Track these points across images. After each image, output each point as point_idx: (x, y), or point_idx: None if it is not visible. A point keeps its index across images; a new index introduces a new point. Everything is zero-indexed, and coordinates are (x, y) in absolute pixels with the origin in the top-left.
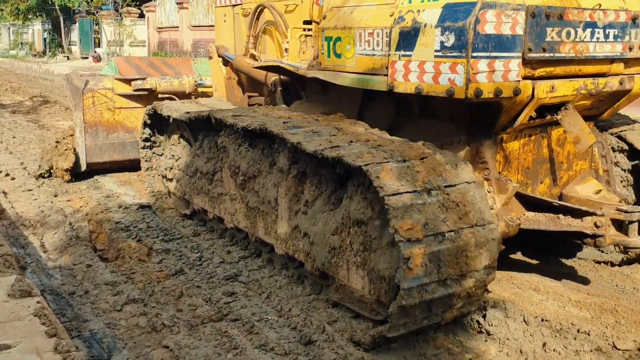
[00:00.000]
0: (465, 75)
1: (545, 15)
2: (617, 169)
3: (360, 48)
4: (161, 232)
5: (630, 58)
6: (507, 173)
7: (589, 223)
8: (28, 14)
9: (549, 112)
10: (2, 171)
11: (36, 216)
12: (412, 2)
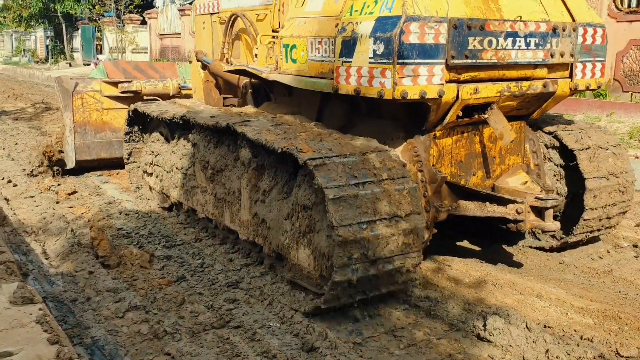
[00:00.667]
0: (393, 79)
1: (467, 27)
2: (551, 164)
3: (312, 54)
4: (163, 238)
5: (552, 64)
6: (441, 166)
7: (512, 210)
8: (30, 21)
9: (476, 112)
10: (4, 178)
11: (38, 223)
12: (352, 15)
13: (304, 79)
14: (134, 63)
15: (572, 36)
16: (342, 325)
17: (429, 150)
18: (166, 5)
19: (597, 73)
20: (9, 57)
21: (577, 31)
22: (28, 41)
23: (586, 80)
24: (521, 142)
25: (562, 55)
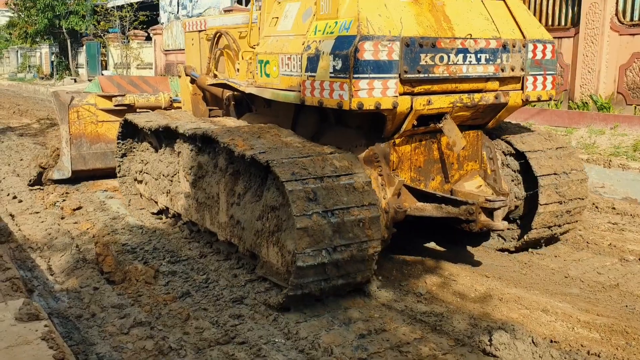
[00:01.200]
0: (349, 92)
1: (419, 44)
2: (509, 169)
3: (282, 70)
4: (167, 254)
5: (504, 77)
6: (401, 170)
7: (464, 211)
8: (36, 38)
9: (432, 121)
10: (9, 194)
11: (43, 239)
12: (316, 34)
13: (276, 91)
14: (128, 77)
15: (522, 52)
16: (348, 341)
17: (388, 156)
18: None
19: (548, 85)
20: (15, 74)
21: (527, 47)
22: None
23: (537, 92)
24: (478, 149)
25: (512, 70)
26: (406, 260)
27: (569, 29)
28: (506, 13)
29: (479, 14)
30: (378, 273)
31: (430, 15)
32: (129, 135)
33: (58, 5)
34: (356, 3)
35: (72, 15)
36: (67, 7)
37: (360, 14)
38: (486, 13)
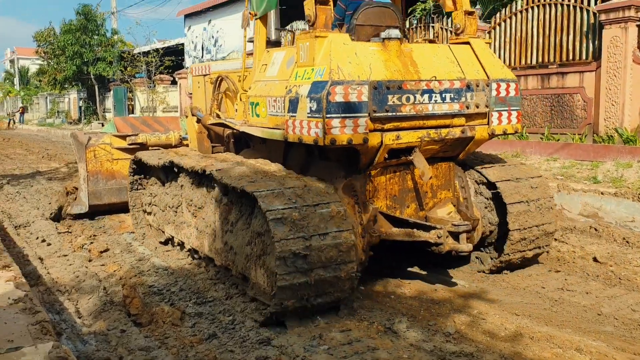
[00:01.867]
0: (323, 130)
1: (386, 87)
2: (482, 197)
3: (270, 110)
4: (194, 295)
5: (469, 113)
6: (377, 199)
7: (433, 235)
8: (65, 84)
9: (403, 154)
10: (38, 237)
11: (71, 281)
12: (296, 80)
13: (265, 130)
14: (142, 118)
15: (486, 90)
16: None
17: (364, 186)
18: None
19: (513, 120)
20: (44, 119)
21: (490, 86)
22: (62, 103)
23: (503, 126)
24: (451, 179)
25: (477, 107)
26: (434, 299)
27: (590, 63)
28: (471, 56)
29: (445, 57)
30: (406, 313)
31: (398, 60)
32: (139, 171)
33: (86, 53)
34: (329, 52)
35: (99, 61)
36: (94, 54)
37: (332, 62)
38: (452, 57)
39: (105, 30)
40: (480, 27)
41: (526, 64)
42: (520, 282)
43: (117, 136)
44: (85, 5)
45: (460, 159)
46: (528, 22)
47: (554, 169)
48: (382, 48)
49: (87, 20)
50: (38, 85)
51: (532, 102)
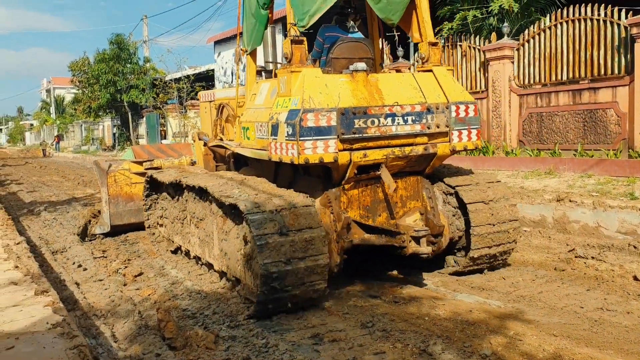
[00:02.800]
0: (297, 151)
1: (352, 113)
2: (450, 206)
3: (257, 134)
4: (227, 318)
5: (431, 133)
6: (351, 209)
7: (399, 239)
8: (99, 112)
9: (372, 170)
10: (74, 262)
11: (107, 306)
12: (277, 108)
13: (254, 151)
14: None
15: (445, 112)
16: None
17: (339, 198)
18: None
19: (472, 137)
20: (79, 146)
21: (450, 108)
22: (96, 130)
23: (463, 143)
24: (419, 190)
25: (438, 127)
26: (468, 320)
27: (623, 77)
28: (433, 82)
29: (409, 84)
30: (441, 334)
31: (364, 89)
32: (153, 188)
33: (119, 81)
34: (302, 85)
35: (132, 89)
36: (127, 82)
37: (304, 92)
38: (415, 83)
39: (137, 59)
40: (508, 44)
41: (556, 80)
42: (557, 302)
43: (135, 162)
44: (118, 35)
45: (427, 172)
46: (557, 38)
47: (589, 185)
48: (350, 79)
49: (120, 49)
50: (73, 113)
51: (563, 118)
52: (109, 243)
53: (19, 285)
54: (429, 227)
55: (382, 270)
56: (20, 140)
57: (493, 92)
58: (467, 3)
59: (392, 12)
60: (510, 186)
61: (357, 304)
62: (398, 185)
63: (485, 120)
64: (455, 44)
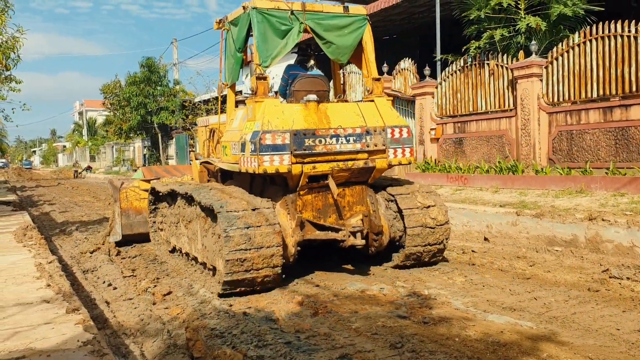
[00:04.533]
0: (258, 162)
1: (303, 134)
2: (391, 210)
3: (232, 151)
4: (255, 337)
5: (370, 150)
6: (305, 211)
7: (340, 235)
8: (130, 133)
9: (322, 179)
10: (105, 281)
11: (136, 325)
12: (246, 130)
13: (230, 164)
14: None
15: (382, 134)
16: None
17: (295, 202)
18: None
19: (406, 154)
20: (110, 167)
21: (386, 131)
22: (127, 151)
23: (398, 159)
24: (364, 197)
25: (376, 145)
26: (500, 341)
27: None
28: (374, 109)
29: (352, 112)
30: (472, 356)
31: (314, 115)
32: (155, 199)
33: (150, 103)
34: (263, 112)
35: (162, 111)
36: (158, 104)
37: (264, 117)
38: (358, 111)
39: (167, 81)
40: (536, 62)
41: (586, 98)
42: (592, 324)
43: (144, 180)
44: (149, 58)
45: (370, 182)
46: (586, 56)
47: (622, 204)
48: (303, 107)
49: (151, 72)
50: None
51: (594, 136)
52: (139, 262)
53: (51, 303)
54: (370, 227)
55: (338, 263)
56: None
57: (522, 110)
58: (493, 22)
59: (341, 54)
60: (521, 201)
61: (385, 324)
62: (345, 192)
63: (514, 138)
64: (482, 63)
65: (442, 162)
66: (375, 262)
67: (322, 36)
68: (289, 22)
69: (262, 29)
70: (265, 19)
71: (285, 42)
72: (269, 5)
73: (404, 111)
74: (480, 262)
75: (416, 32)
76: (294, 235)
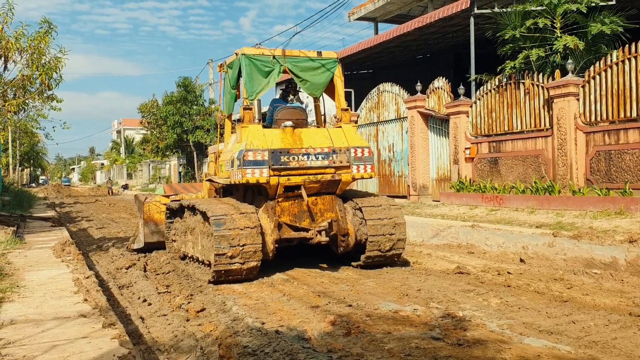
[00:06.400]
0: (242, 175)
1: (279, 152)
2: (357, 217)
3: (226, 167)
4: (287, 356)
5: (336, 166)
6: (283, 216)
7: (310, 234)
8: (166, 151)
9: (296, 189)
10: (140, 297)
11: (170, 341)
12: (234, 150)
13: (225, 179)
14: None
15: (346, 153)
16: None
17: (275, 208)
18: None
19: (368, 170)
20: (146, 185)
21: (349, 150)
22: (163, 169)
23: (360, 174)
24: (334, 205)
25: (341, 162)
26: None
27: None
28: (341, 134)
29: (322, 135)
30: None
31: (290, 137)
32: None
33: (186, 122)
34: (248, 135)
35: (198, 129)
36: (193, 123)
37: (248, 139)
38: (327, 135)
39: (203, 101)
40: (573, 81)
41: (625, 117)
42: (634, 350)
43: (164, 196)
44: (185, 78)
45: (338, 193)
46: (625, 74)
47: None
48: (281, 131)
49: (187, 91)
50: (142, 153)
51: (634, 156)
52: (172, 278)
53: (88, 318)
54: (338, 230)
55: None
56: (91, 179)
57: (558, 130)
58: (529, 41)
59: (315, 89)
60: (558, 222)
61: (419, 346)
62: (317, 201)
63: (550, 158)
64: (517, 82)
65: (477, 181)
66: (346, 262)
67: (299, 75)
68: (271, 65)
69: (249, 70)
70: (251, 63)
71: (267, 81)
72: (255, 52)
73: (437, 130)
74: (516, 284)
75: (450, 51)
76: (272, 234)
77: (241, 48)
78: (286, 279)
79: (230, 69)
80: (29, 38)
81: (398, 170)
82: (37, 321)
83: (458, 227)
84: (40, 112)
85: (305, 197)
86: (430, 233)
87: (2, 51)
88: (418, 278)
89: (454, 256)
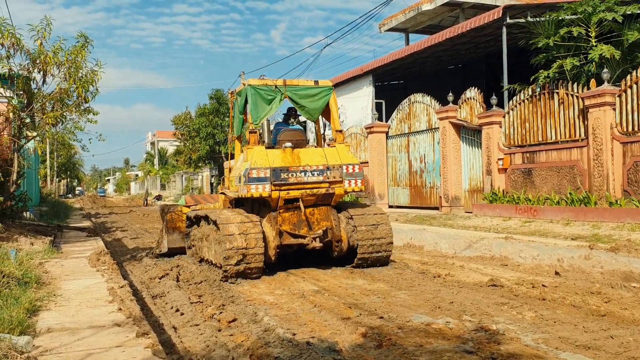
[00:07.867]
0: (247, 189)
1: (280, 170)
2: (350, 225)
3: (235, 182)
4: None
5: (330, 181)
6: (284, 224)
7: (307, 241)
8: (199, 163)
9: (295, 202)
10: (172, 307)
11: (202, 351)
12: (242, 167)
13: (234, 193)
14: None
15: (339, 169)
16: None
17: (277, 218)
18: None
19: (358, 184)
20: (179, 195)
21: (342, 167)
22: (196, 180)
23: (352, 187)
24: (329, 215)
25: (334, 177)
26: None
27: None
28: (335, 153)
29: (318, 154)
30: None
31: (289, 157)
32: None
33: (218, 133)
34: (252, 155)
35: None
36: (226, 135)
37: (252, 158)
38: (323, 154)
39: None
40: (608, 90)
41: None
42: None
43: (185, 205)
44: (218, 90)
45: (333, 204)
46: None
47: None
48: (282, 151)
49: (219, 103)
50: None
51: None
52: (204, 288)
53: (122, 327)
54: (332, 236)
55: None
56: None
57: (594, 140)
58: (563, 50)
59: (312, 114)
60: (594, 234)
61: (452, 359)
62: (314, 211)
63: (586, 169)
64: (551, 92)
65: (510, 193)
66: (341, 264)
67: (298, 102)
68: (273, 93)
69: (254, 99)
70: (256, 92)
71: (270, 107)
72: (260, 82)
73: (469, 140)
74: (552, 297)
75: (482, 60)
76: (274, 240)
77: (248, 79)
78: (317, 290)
79: (239, 97)
80: (66, 52)
81: (430, 181)
82: (72, 329)
83: (491, 239)
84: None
85: (303, 209)
86: (462, 245)
87: (41, 65)
88: (450, 290)
89: (487, 268)
